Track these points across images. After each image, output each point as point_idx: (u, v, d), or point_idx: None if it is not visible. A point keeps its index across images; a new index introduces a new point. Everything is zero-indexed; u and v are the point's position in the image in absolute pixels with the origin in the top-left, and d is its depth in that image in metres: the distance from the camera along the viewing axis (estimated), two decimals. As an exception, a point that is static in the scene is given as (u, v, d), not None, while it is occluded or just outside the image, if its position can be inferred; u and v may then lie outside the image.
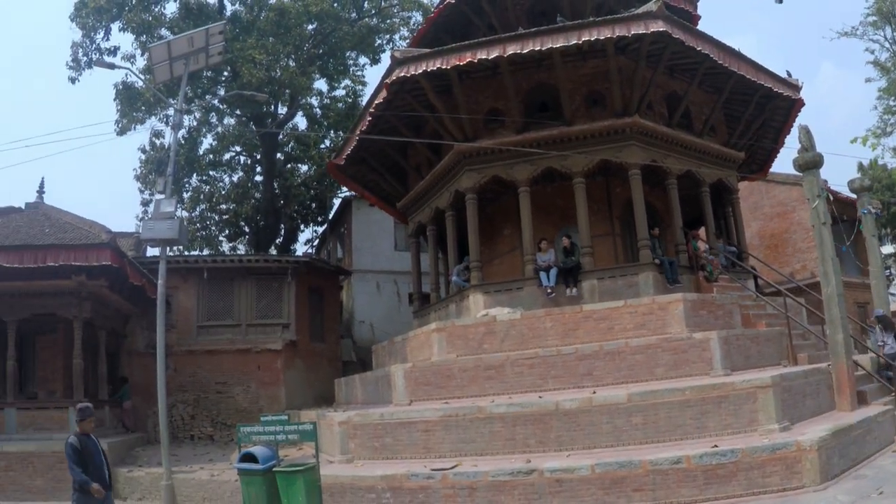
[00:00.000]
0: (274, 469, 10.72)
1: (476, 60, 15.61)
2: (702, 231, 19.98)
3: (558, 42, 15.10)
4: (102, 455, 9.63)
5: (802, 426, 11.23)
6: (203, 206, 33.74)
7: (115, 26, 26.53)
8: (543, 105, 17.49)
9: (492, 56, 15.49)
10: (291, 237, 34.22)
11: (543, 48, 15.15)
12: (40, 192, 19.77)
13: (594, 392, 12.38)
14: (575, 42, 15.02)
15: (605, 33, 14.94)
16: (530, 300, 16.42)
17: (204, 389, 21.79)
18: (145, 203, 31.47)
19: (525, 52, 15.27)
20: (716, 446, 10.20)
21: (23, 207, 19.16)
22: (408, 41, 29.03)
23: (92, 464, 9.32)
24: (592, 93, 17.22)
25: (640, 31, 14.88)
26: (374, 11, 30.47)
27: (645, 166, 16.76)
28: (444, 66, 15.78)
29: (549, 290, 16.18)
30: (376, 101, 17.27)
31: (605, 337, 14.34)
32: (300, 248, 36.66)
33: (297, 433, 11.21)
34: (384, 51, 31.03)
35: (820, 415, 12.43)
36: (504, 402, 12.36)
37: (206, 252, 31.34)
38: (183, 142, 28.85)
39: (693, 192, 18.71)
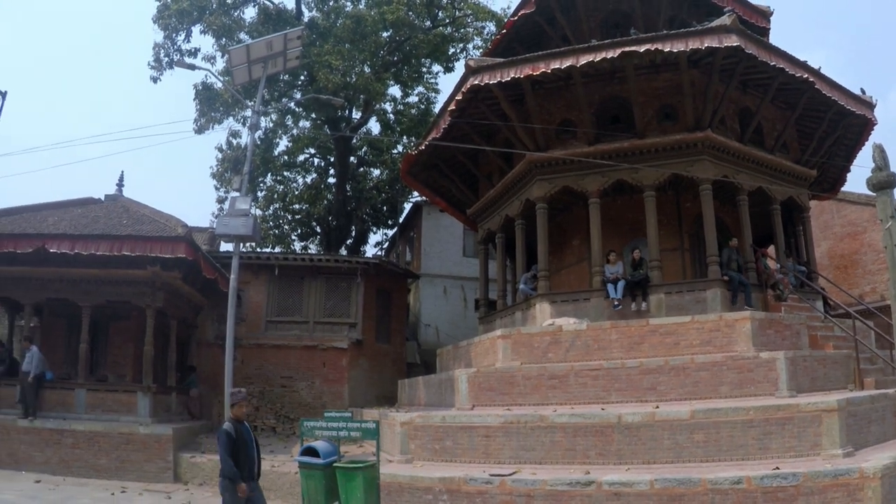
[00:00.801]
0: (334, 464, 10.86)
1: (549, 70, 15.64)
2: (770, 249, 19.64)
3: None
4: (255, 445, 9.31)
5: (866, 453, 10.98)
6: (276, 206, 34.59)
7: (195, 29, 27.23)
8: (615, 117, 17.45)
9: (564, 66, 15.50)
10: (362, 239, 34.69)
11: (616, 57, 15.15)
12: (119, 185, 20.58)
13: (657, 407, 12.32)
14: (647, 48, 14.96)
15: (678, 46, 14.85)
16: (596, 312, 16.38)
17: (269, 382, 22.29)
18: (221, 200, 32.61)
19: (597, 61, 15.25)
20: (777, 468, 10.06)
21: (102, 199, 19.94)
22: (481, 50, 29.15)
23: (244, 454, 8.92)
24: (665, 106, 17.12)
25: (714, 45, 14.74)
26: (448, 21, 30.66)
27: (715, 181, 16.58)
28: (517, 76, 15.89)
29: (615, 303, 16.11)
30: (449, 109, 17.45)
31: (670, 352, 14.24)
32: (370, 250, 37.17)
33: (360, 431, 11.31)
34: (458, 59, 31.17)
35: (885, 442, 12.11)
36: (566, 412, 12.39)
37: (277, 250, 32.03)
38: (259, 142, 29.47)
39: (763, 209, 18.41)
